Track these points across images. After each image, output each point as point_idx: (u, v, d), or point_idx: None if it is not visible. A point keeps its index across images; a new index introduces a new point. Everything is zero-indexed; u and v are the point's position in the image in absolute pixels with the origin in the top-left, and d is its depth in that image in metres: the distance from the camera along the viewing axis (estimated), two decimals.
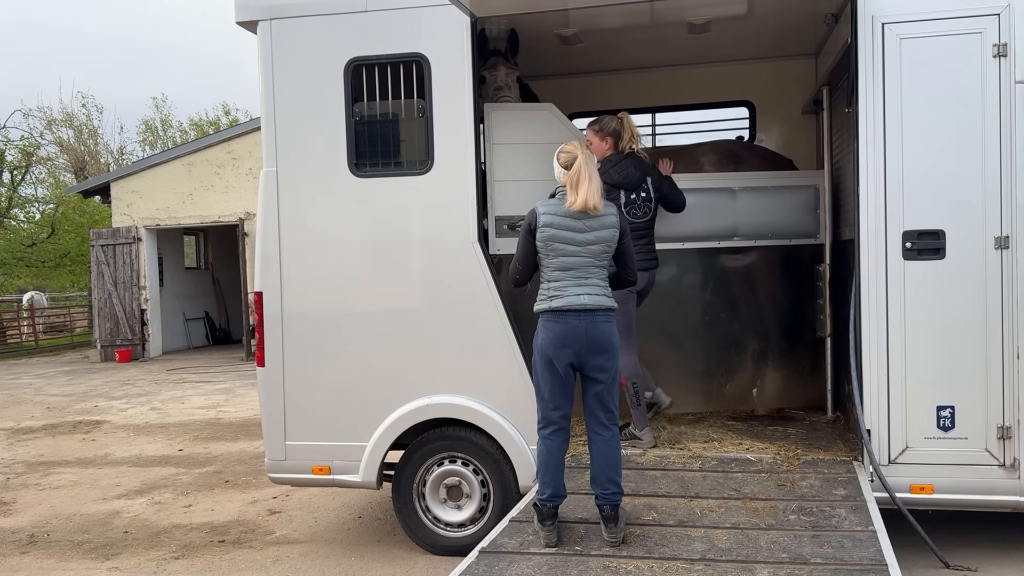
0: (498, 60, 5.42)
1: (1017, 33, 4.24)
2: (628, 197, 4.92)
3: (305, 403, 5.03)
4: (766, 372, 5.68)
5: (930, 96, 4.33)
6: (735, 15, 5.27)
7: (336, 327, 4.99)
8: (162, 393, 12.77)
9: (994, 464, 4.32)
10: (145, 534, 5.84)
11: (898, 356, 4.38)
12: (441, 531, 5.01)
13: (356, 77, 4.91)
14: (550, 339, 3.96)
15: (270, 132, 5.02)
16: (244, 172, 17.26)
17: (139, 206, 17.82)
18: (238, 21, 5.08)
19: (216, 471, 7.58)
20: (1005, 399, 4.30)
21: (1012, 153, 4.25)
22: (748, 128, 6.62)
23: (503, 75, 5.36)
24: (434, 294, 4.88)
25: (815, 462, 4.58)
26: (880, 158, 4.37)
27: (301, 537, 5.61)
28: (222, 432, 9.45)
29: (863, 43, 4.37)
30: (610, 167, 4.88)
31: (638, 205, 4.93)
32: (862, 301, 4.43)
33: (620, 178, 4.88)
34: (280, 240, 5.02)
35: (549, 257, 3.99)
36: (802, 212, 5.50)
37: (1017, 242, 4.26)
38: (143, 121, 33.93)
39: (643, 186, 4.95)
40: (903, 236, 4.37)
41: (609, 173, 4.83)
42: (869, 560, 3.55)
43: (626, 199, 4.92)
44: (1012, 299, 4.27)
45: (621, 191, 4.89)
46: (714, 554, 3.70)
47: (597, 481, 3.96)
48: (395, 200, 4.93)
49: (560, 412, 4.02)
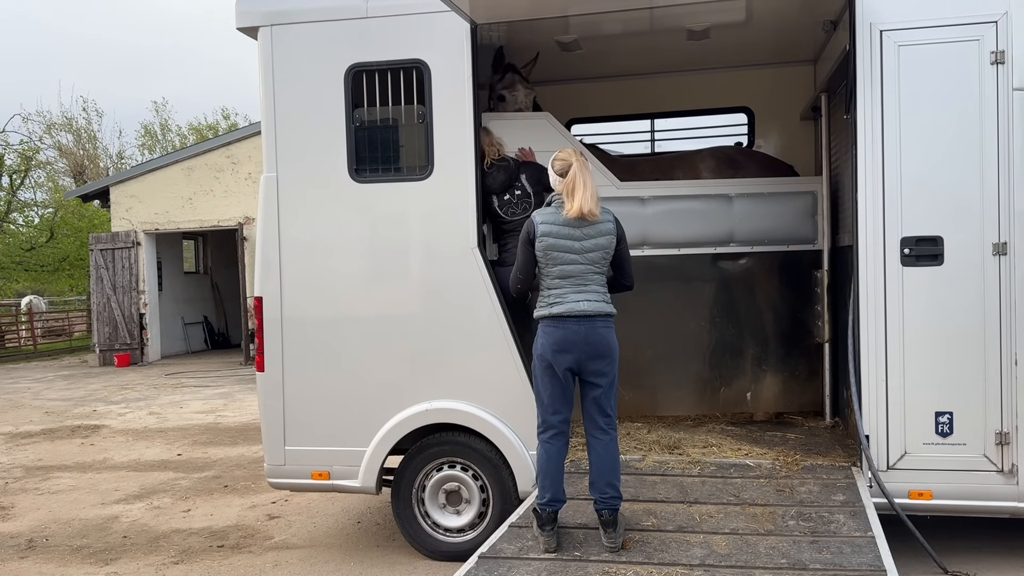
0: (515, 78, 5.46)
1: (1015, 40, 4.26)
2: (502, 199, 5.03)
3: (305, 408, 5.03)
4: (765, 377, 5.69)
5: (928, 103, 4.35)
6: (734, 22, 5.29)
7: (336, 332, 5.00)
8: (161, 398, 12.76)
9: (992, 470, 4.33)
10: (144, 539, 5.83)
11: (896, 362, 4.39)
12: (440, 536, 5.01)
13: (356, 83, 4.93)
14: (550, 344, 3.97)
15: (270, 137, 5.04)
16: (243, 177, 17.27)
17: (138, 210, 17.81)
18: (239, 27, 5.10)
19: (215, 476, 7.57)
20: (1003, 405, 4.31)
21: (1010, 160, 4.27)
22: (747, 134, 6.64)
23: (522, 97, 5.41)
24: (434, 299, 4.89)
25: (814, 468, 4.59)
26: (878, 164, 4.39)
27: (300, 542, 5.61)
28: (221, 437, 9.45)
29: (861, 50, 4.39)
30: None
31: (514, 204, 5.03)
32: (860, 307, 4.44)
33: (488, 185, 4.99)
34: (280, 245, 5.03)
35: (548, 266, 4.00)
36: (800, 218, 5.51)
37: (1015, 248, 4.27)
38: (142, 125, 34.02)
39: (516, 185, 5.03)
40: (901, 242, 4.38)
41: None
42: (868, 566, 3.56)
43: (499, 201, 5.03)
44: (1010, 305, 4.28)
45: (492, 196, 5.01)
46: (713, 560, 3.70)
47: (596, 486, 3.97)
48: (395, 206, 4.94)
49: (559, 417, 4.03)
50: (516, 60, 5.75)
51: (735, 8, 5.03)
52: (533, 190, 5.05)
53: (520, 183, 5.07)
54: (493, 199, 5.06)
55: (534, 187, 5.05)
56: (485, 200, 5.02)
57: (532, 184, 5.06)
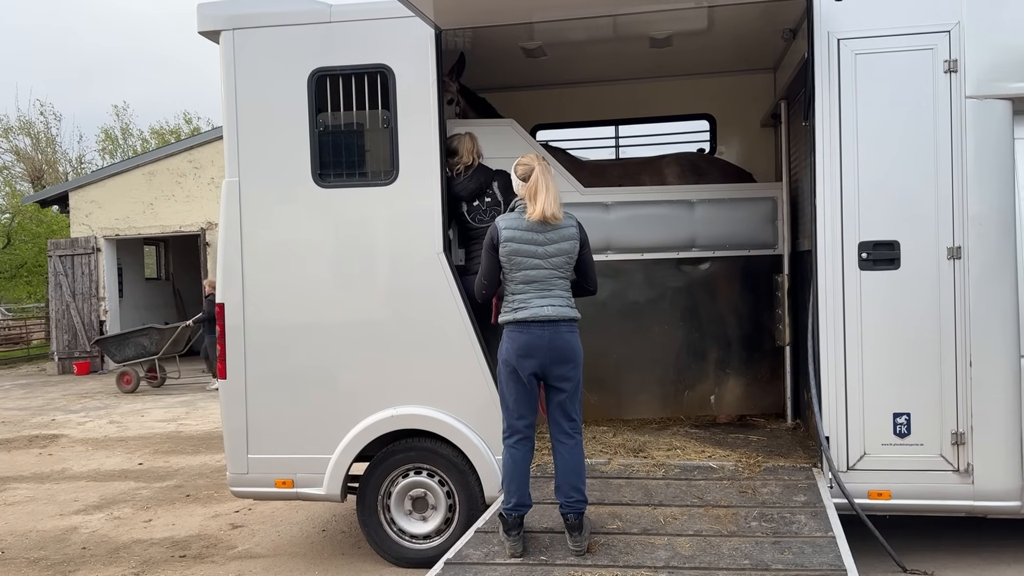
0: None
1: (967, 49, 4.37)
2: (471, 204, 5.06)
3: (268, 415, 4.98)
4: (727, 380, 5.75)
5: (884, 110, 4.44)
6: (696, 30, 5.36)
7: (300, 338, 4.96)
8: (121, 406, 12.55)
9: (949, 469, 4.42)
10: (104, 550, 5.73)
11: (855, 364, 4.47)
12: (406, 543, 4.99)
13: (320, 87, 4.91)
14: (514, 349, 3.98)
15: (232, 142, 4.99)
16: (206, 181, 17.07)
17: (98, 216, 17.53)
18: (200, 31, 5.05)
19: (177, 485, 7.46)
20: (959, 406, 4.40)
21: (963, 166, 4.38)
22: (709, 141, 6.72)
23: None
24: (399, 305, 4.88)
25: (776, 469, 4.65)
26: (836, 170, 4.47)
27: (264, 551, 5.55)
28: (183, 445, 9.31)
29: (819, 58, 4.47)
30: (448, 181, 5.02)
31: (483, 211, 5.05)
32: (820, 310, 4.52)
33: (456, 190, 5.03)
34: (242, 251, 4.98)
35: (513, 271, 4.01)
36: (761, 223, 5.59)
37: (968, 252, 4.37)
38: (103, 129, 33.44)
39: (487, 192, 5.07)
40: (859, 247, 4.47)
41: (449, 186, 4.98)
42: (828, 566, 3.61)
43: (468, 207, 5.06)
44: (964, 308, 4.38)
45: (462, 201, 5.04)
46: (677, 561, 3.73)
47: (561, 490, 3.98)
48: (360, 211, 4.92)
49: (524, 421, 4.04)
50: (480, 66, 5.78)
51: (696, 16, 5.09)
52: (503, 198, 5.06)
53: (491, 190, 5.08)
54: (462, 205, 5.06)
55: (504, 195, 5.06)
56: (454, 205, 5.03)
57: (503, 192, 5.06)
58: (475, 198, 5.07)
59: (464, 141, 5.07)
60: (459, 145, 5.06)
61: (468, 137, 5.10)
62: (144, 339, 14.27)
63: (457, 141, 5.07)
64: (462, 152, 5.05)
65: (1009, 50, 4.35)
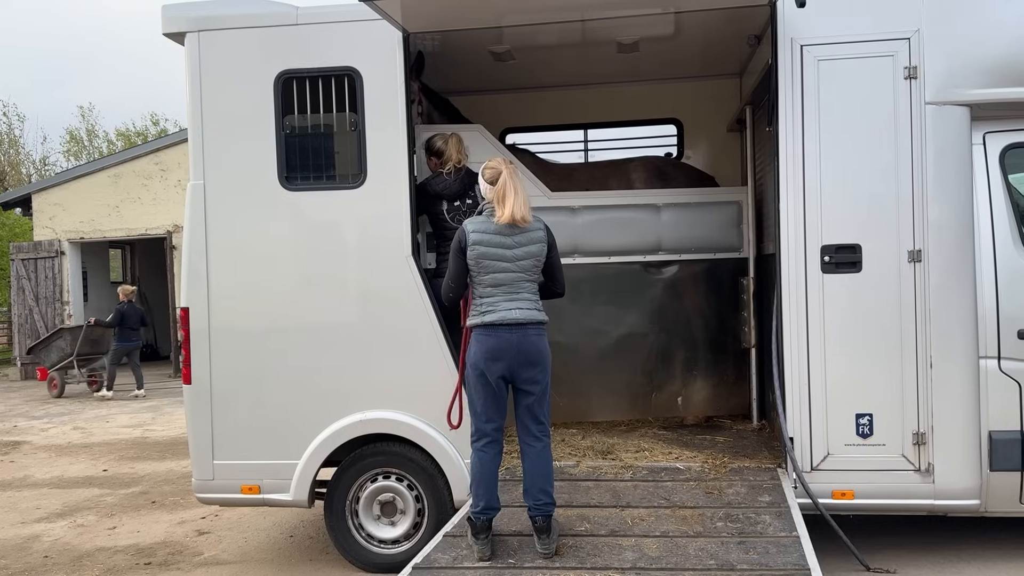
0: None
1: (926, 56, 4.45)
2: (451, 205, 5.09)
3: (233, 421, 4.94)
4: (694, 382, 5.80)
5: (846, 115, 4.51)
6: (663, 35, 5.40)
7: (266, 343, 4.92)
8: (86, 412, 12.36)
9: (910, 469, 4.50)
10: (66, 558, 5.64)
11: (818, 366, 4.54)
12: (375, 548, 4.97)
13: (287, 90, 4.88)
14: (482, 352, 3.98)
15: (197, 144, 4.95)
16: (173, 184, 16.87)
17: (62, 219, 17.25)
18: (165, 32, 5.01)
19: (142, 491, 7.36)
20: (920, 406, 4.48)
21: (923, 171, 4.46)
22: (676, 145, 6.78)
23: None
24: (367, 309, 4.86)
25: (741, 470, 4.70)
26: (799, 175, 4.54)
27: (230, 558, 5.49)
28: (148, 451, 9.19)
29: (783, 64, 4.53)
30: (432, 179, 5.12)
31: (462, 212, 5.10)
32: (784, 313, 4.57)
33: (440, 189, 5.08)
34: (208, 254, 4.94)
35: (481, 274, 4.02)
36: (727, 227, 5.65)
37: (928, 256, 4.46)
38: (68, 131, 32.91)
39: (468, 194, 5.11)
40: (822, 250, 4.53)
41: (431, 184, 5.07)
42: (793, 565, 3.66)
43: (449, 207, 5.09)
44: (925, 310, 4.46)
45: (444, 200, 5.07)
46: (644, 563, 3.76)
47: (529, 492, 3.99)
48: (327, 214, 4.90)
49: (493, 424, 4.04)
50: (449, 69, 5.78)
51: (664, 22, 5.13)
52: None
53: (473, 193, 5.09)
54: (443, 204, 5.07)
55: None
56: (435, 204, 5.05)
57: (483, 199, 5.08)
58: (457, 199, 5.08)
59: (452, 141, 5.13)
60: (446, 146, 5.12)
61: (455, 138, 5.15)
62: (60, 341, 14.29)
63: (443, 142, 5.13)
64: (450, 152, 5.10)
65: (967, 57, 4.45)
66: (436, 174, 5.18)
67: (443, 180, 5.09)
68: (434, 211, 5.09)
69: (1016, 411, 4.49)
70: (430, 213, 5.12)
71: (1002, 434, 4.48)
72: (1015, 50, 4.43)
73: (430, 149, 5.18)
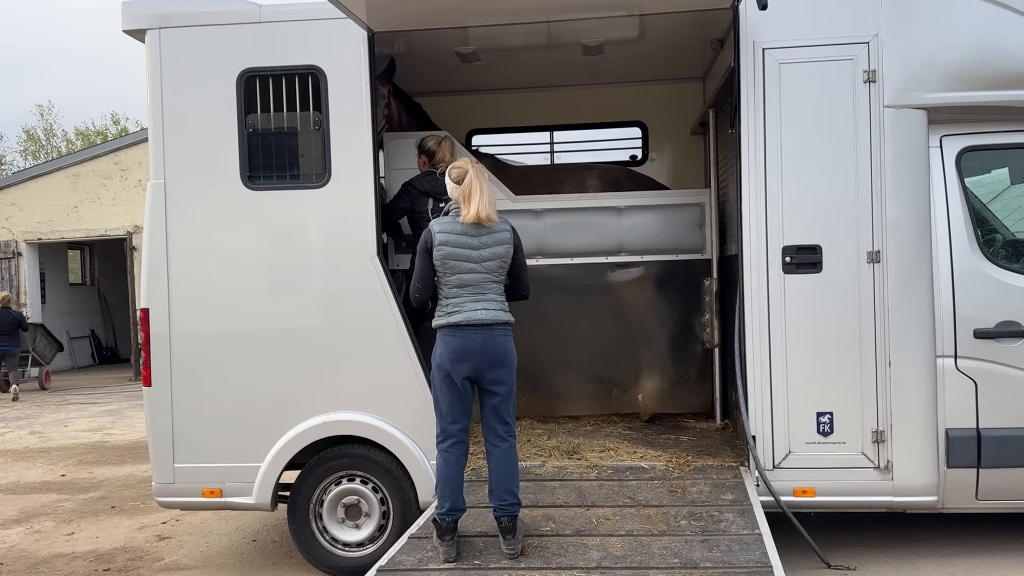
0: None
1: (884, 60, 4.53)
2: (436, 204, 5.16)
3: (195, 424, 4.87)
4: (656, 381, 5.83)
5: (807, 118, 4.57)
6: (627, 38, 5.44)
7: (228, 344, 4.86)
8: (43, 416, 12.10)
9: (870, 467, 4.57)
10: (23, 565, 5.51)
11: (780, 365, 4.59)
12: (339, 551, 4.92)
13: (249, 88, 4.83)
14: (448, 353, 3.97)
15: (158, 143, 4.88)
16: (133, 184, 16.63)
17: (19, 219, 16.92)
18: (125, 29, 4.93)
19: (101, 496, 7.23)
20: (879, 405, 4.55)
21: (882, 173, 4.53)
22: (640, 148, 6.82)
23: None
24: (332, 309, 4.82)
25: (704, 468, 4.74)
26: (761, 177, 4.59)
27: (192, 563, 5.41)
28: (108, 456, 9.03)
29: (745, 68, 4.58)
30: (422, 177, 5.22)
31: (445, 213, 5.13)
32: (746, 313, 4.62)
33: (429, 187, 5.17)
34: (168, 255, 4.86)
35: (447, 275, 4.01)
36: (689, 229, 5.69)
37: (887, 257, 4.53)
38: (25, 130, 32.24)
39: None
40: (783, 251, 4.59)
41: (420, 182, 5.18)
42: (755, 563, 3.70)
43: (434, 206, 5.16)
44: (884, 310, 4.54)
45: (430, 199, 5.15)
46: (609, 562, 3.77)
47: (495, 493, 3.99)
48: (291, 214, 4.86)
49: (458, 425, 4.03)
50: (415, 70, 5.77)
51: (628, 25, 5.17)
52: None
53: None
54: (429, 202, 5.13)
55: None
56: (418, 203, 5.12)
57: None
58: (443, 199, 5.10)
59: (445, 144, 5.29)
60: (438, 147, 5.27)
61: (448, 141, 5.32)
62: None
63: (436, 143, 5.29)
64: (443, 154, 5.24)
65: (925, 62, 4.53)
66: (427, 172, 5.21)
67: (434, 179, 5.13)
68: (419, 210, 5.12)
69: (972, 409, 4.58)
70: (414, 212, 5.14)
71: (959, 432, 4.57)
72: (972, 55, 4.53)
73: (422, 148, 5.32)
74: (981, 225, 4.73)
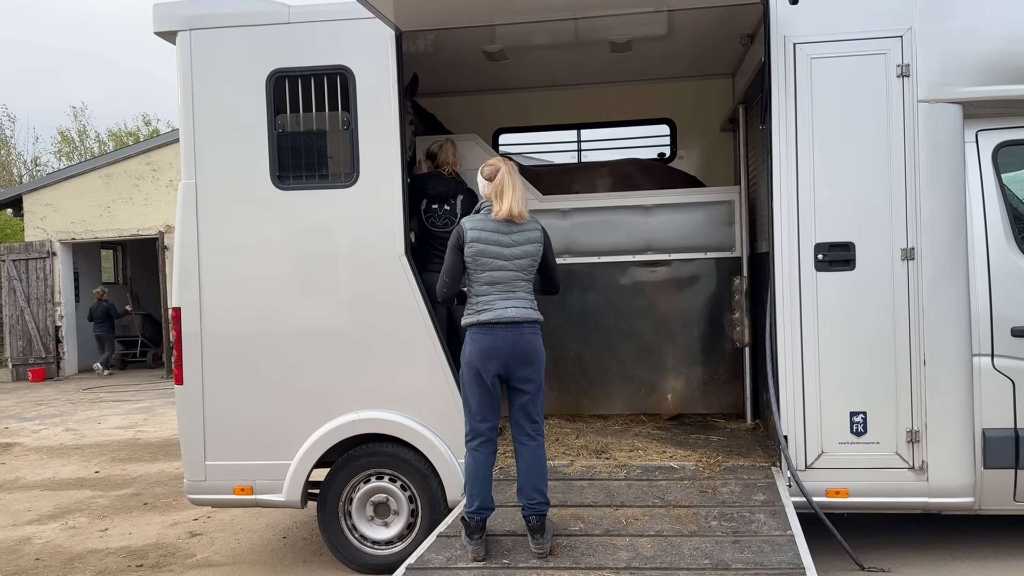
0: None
1: (918, 54, 4.45)
2: (429, 206, 5.22)
3: (226, 422, 4.91)
4: (686, 380, 5.79)
5: (839, 113, 4.51)
6: (655, 35, 5.40)
7: (258, 343, 4.90)
8: (78, 413, 12.29)
9: (904, 467, 4.50)
10: (58, 561, 5.60)
11: (812, 364, 4.53)
12: (368, 549, 4.95)
13: (279, 88, 4.86)
14: (477, 351, 3.97)
15: (189, 144, 4.93)
16: (164, 184, 16.81)
17: (54, 219, 17.18)
18: (156, 31, 4.99)
19: (134, 493, 7.32)
20: (913, 404, 4.48)
21: (916, 168, 4.46)
22: (669, 145, 6.77)
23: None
24: (361, 308, 4.84)
25: (735, 469, 4.69)
26: (793, 173, 4.53)
27: (223, 560, 5.47)
28: (141, 453, 9.15)
29: (776, 63, 4.53)
30: (421, 176, 5.29)
31: (438, 216, 5.24)
32: (777, 312, 4.57)
33: (425, 186, 5.23)
34: (199, 254, 4.91)
35: (477, 272, 4.01)
36: (719, 226, 5.65)
37: (921, 254, 4.46)
38: (59, 131, 32.73)
39: (449, 201, 5.23)
40: (815, 248, 4.53)
41: (419, 180, 5.22)
42: (787, 564, 3.65)
43: (426, 206, 5.21)
44: (918, 308, 4.46)
45: (424, 199, 5.21)
46: (639, 562, 3.75)
47: (523, 492, 3.98)
48: (320, 213, 4.88)
49: (487, 424, 4.03)
50: (442, 69, 5.78)
51: (656, 21, 5.13)
52: (462, 211, 5.20)
53: (454, 201, 5.22)
54: (423, 203, 5.17)
55: (464, 209, 5.20)
56: (415, 201, 5.13)
57: (463, 206, 5.22)
58: (437, 201, 5.16)
59: (447, 147, 5.33)
60: (440, 150, 5.33)
61: (449, 143, 5.36)
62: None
63: (438, 146, 5.34)
64: (445, 156, 5.31)
65: (958, 55, 4.45)
66: (430, 173, 5.27)
67: (434, 179, 5.20)
68: (415, 210, 5.18)
69: (1010, 408, 4.49)
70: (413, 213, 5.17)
71: (996, 432, 4.48)
72: (1008, 48, 4.44)
73: (426, 154, 5.42)
74: (1018, 221, 4.63)
